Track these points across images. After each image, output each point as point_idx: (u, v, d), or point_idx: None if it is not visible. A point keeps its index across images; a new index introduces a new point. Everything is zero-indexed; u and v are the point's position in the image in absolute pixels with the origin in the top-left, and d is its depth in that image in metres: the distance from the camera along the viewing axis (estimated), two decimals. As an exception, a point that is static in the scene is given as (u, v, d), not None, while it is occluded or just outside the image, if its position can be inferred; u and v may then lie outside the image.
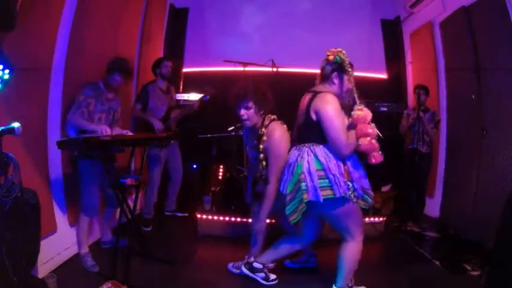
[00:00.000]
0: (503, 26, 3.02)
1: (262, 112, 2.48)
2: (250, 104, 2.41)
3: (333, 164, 2.08)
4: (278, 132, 2.41)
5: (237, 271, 2.69)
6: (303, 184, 2.09)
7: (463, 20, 3.60)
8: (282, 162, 2.34)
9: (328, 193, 2.06)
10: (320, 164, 2.08)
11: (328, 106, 2.07)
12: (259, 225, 2.55)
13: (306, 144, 2.16)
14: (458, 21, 3.71)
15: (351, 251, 2.22)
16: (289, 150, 2.32)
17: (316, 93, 2.17)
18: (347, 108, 2.14)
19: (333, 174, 2.05)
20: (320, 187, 2.06)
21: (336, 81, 2.21)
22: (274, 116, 2.55)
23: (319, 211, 2.20)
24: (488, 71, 3.35)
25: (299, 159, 2.14)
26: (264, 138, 2.44)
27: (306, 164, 2.10)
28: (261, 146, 2.46)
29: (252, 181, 2.74)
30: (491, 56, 3.32)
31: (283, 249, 2.54)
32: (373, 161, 2.05)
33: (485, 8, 3.29)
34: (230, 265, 2.80)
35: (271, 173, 2.41)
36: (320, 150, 2.11)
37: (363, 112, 2.04)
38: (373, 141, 2.04)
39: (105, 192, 2.89)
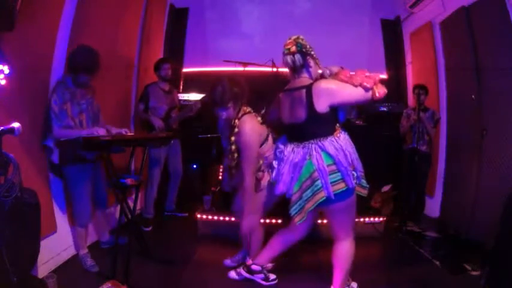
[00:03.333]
0: (503, 26, 3.01)
1: (239, 104, 2.46)
2: (229, 104, 2.40)
3: (342, 155, 2.07)
4: (248, 126, 2.38)
5: (238, 277, 2.65)
6: (318, 182, 2.06)
7: (463, 20, 3.60)
8: (254, 155, 2.36)
9: (341, 186, 2.06)
10: (331, 159, 2.07)
11: (333, 88, 2.07)
12: (246, 222, 2.44)
13: (312, 141, 2.13)
14: (458, 21, 3.71)
15: (346, 250, 2.21)
16: (285, 149, 2.26)
17: (309, 87, 2.12)
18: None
19: (344, 167, 2.06)
20: (331, 182, 2.05)
21: (311, 64, 2.20)
22: (249, 109, 2.50)
23: (325, 207, 2.16)
24: (488, 71, 3.34)
25: (307, 157, 2.11)
26: (236, 130, 2.42)
27: (316, 162, 2.08)
28: (232, 138, 2.44)
29: (228, 170, 2.65)
30: (491, 56, 3.32)
31: (278, 245, 2.52)
32: (380, 94, 2.01)
33: (485, 8, 3.29)
34: (228, 261, 2.83)
35: (245, 167, 2.35)
36: (329, 143, 2.09)
37: (341, 72, 2.12)
38: (365, 81, 2.02)
39: (95, 192, 2.79)
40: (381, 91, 2.00)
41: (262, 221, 2.68)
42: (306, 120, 2.14)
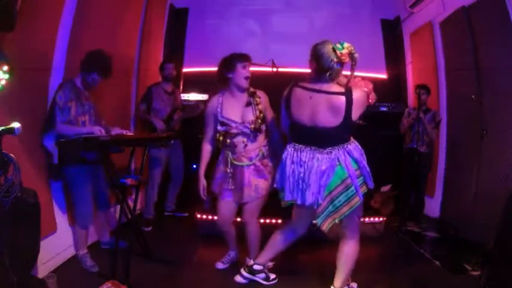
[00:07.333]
0: (503, 26, 3.02)
1: None
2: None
3: (364, 160, 2.16)
4: (265, 95, 2.69)
5: (244, 281, 2.62)
6: (352, 187, 2.10)
7: (463, 20, 3.60)
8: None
9: (363, 189, 2.16)
10: (356, 164, 2.13)
11: (363, 99, 2.15)
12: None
13: (339, 147, 2.12)
14: (458, 21, 3.71)
15: (353, 250, 2.24)
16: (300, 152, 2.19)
17: (348, 95, 2.08)
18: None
19: (367, 171, 2.15)
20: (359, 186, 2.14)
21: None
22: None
23: None
24: (488, 71, 3.35)
25: (336, 163, 2.10)
26: (259, 100, 2.64)
27: (346, 167, 2.10)
28: (258, 100, 2.62)
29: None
30: (491, 56, 3.32)
31: (278, 244, 2.51)
32: (372, 100, 2.22)
33: (485, 8, 3.29)
34: (219, 264, 2.82)
35: (274, 125, 2.65)
36: (354, 148, 2.15)
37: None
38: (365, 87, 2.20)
39: (96, 193, 2.79)
40: (373, 97, 2.20)
41: (262, 221, 2.68)
42: (337, 126, 2.10)
